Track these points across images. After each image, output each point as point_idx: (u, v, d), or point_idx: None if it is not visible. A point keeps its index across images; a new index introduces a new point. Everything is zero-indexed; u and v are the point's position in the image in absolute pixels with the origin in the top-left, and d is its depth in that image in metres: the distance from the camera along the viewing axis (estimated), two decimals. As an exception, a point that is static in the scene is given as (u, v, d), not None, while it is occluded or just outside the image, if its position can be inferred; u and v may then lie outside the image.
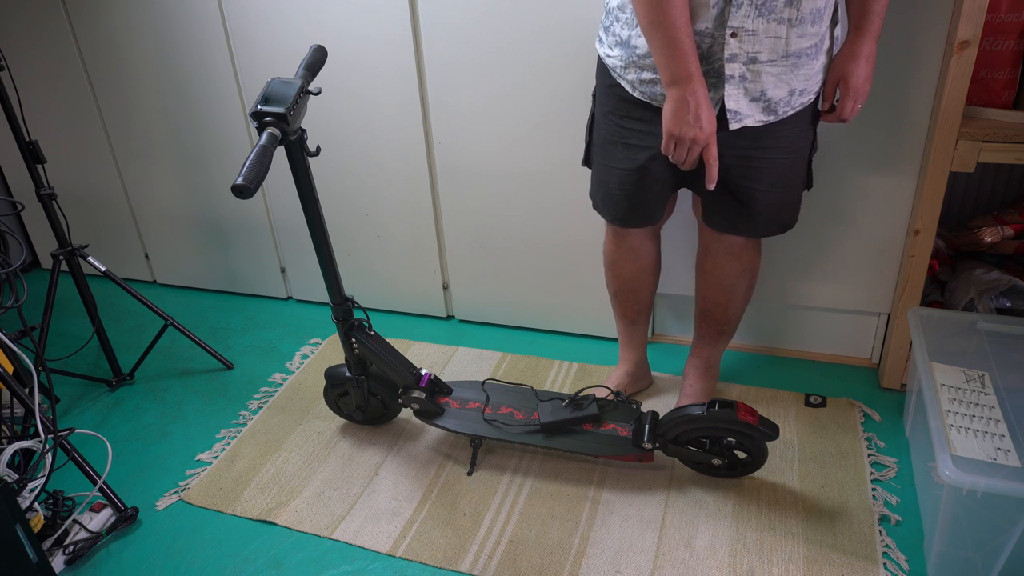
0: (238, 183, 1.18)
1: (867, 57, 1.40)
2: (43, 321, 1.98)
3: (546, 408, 1.69)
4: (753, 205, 1.53)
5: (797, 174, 1.53)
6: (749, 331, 2.10)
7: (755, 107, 1.39)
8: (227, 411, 2.04)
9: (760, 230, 1.59)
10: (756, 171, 1.48)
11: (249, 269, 2.55)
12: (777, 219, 1.58)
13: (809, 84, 1.40)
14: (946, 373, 1.54)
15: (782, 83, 1.37)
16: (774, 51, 1.33)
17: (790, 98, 1.40)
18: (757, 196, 1.51)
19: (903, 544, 1.50)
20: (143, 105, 2.35)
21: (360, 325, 1.68)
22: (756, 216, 1.55)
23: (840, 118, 1.45)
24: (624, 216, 1.63)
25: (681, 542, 1.53)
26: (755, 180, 1.49)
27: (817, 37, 1.35)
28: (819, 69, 1.41)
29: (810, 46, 1.35)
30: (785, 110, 1.41)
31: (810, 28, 1.32)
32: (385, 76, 2.02)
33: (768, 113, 1.40)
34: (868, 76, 1.41)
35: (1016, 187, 2.02)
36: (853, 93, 1.41)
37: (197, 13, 2.12)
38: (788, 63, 1.35)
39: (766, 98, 1.38)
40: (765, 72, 1.36)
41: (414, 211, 2.20)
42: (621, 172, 1.55)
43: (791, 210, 1.59)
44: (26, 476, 1.47)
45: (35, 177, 1.94)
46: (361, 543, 1.59)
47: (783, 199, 1.54)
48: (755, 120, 1.41)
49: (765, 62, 1.34)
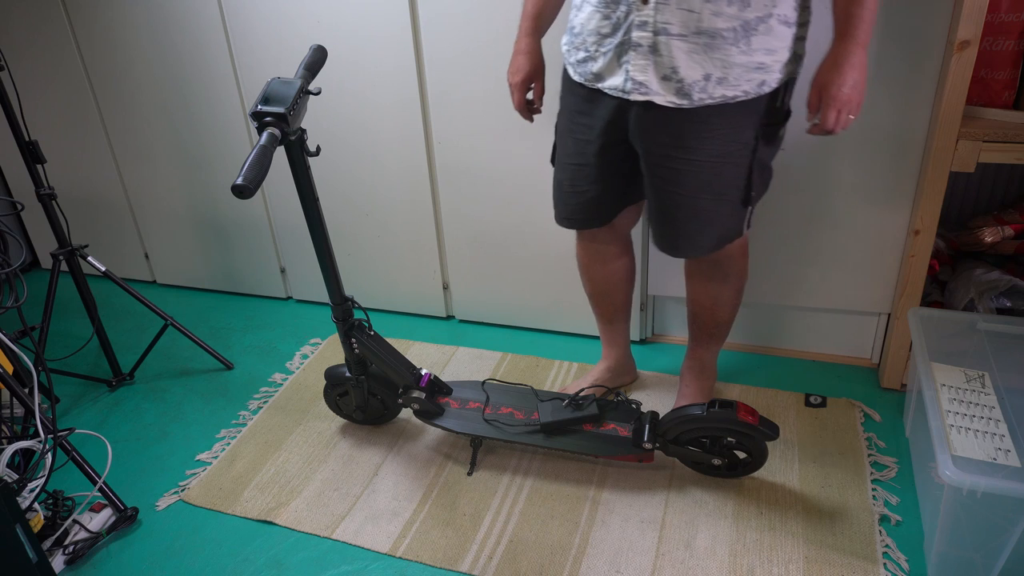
0: (238, 183, 1.18)
1: (852, 65, 1.31)
2: (43, 321, 1.98)
3: (546, 408, 1.69)
4: (677, 212, 1.47)
5: (730, 183, 1.44)
6: (750, 331, 2.10)
7: (667, 86, 1.35)
8: (227, 411, 2.04)
9: (696, 245, 1.52)
10: (678, 174, 1.43)
11: (249, 269, 2.55)
12: (712, 231, 1.50)
13: (730, 74, 1.33)
14: (946, 373, 1.54)
15: (695, 63, 1.32)
16: (686, 25, 1.29)
17: (706, 83, 1.33)
18: (681, 202, 1.46)
19: (903, 544, 1.50)
20: (143, 105, 2.35)
21: (360, 325, 1.68)
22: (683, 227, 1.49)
23: (824, 130, 1.36)
24: (570, 215, 1.64)
25: (681, 542, 1.53)
26: (677, 184, 1.44)
27: (737, 21, 1.29)
28: (746, 64, 1.33)
29: (727, 28, 1.29)
30: (701, 96, 1.34)
31: (726, 8, 1.28)
32: (385, 76, 2.02)
33: (682, 96, 1.35)
34: (856, 84, 1.32)
35: (1016, 187, 2.02)
36: (834, 102, 1.33)
37: (197, 13, 2.12)
38: (701, 41, 1.30)
39: (678, 77, 1.33)
40: (675, 46, 1.31)
41: (414, 211, 2.20)
42: (572, 168, 1.58)
43: (727, 223, 1.50)
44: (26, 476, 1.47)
45: (35, 177, 1.94)
46: (361, 543, 1.59)
47: (714, 209, 1.46)
48: (665, 100, 1.36)
49: (675, 35, 1.30)
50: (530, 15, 1.56)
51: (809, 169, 1.81)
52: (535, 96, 1.63)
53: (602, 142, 1.49)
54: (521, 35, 1.58)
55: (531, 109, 1.65)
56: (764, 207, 1.88)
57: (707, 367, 1.84)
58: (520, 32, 1.58)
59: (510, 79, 1.61)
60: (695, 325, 1.77)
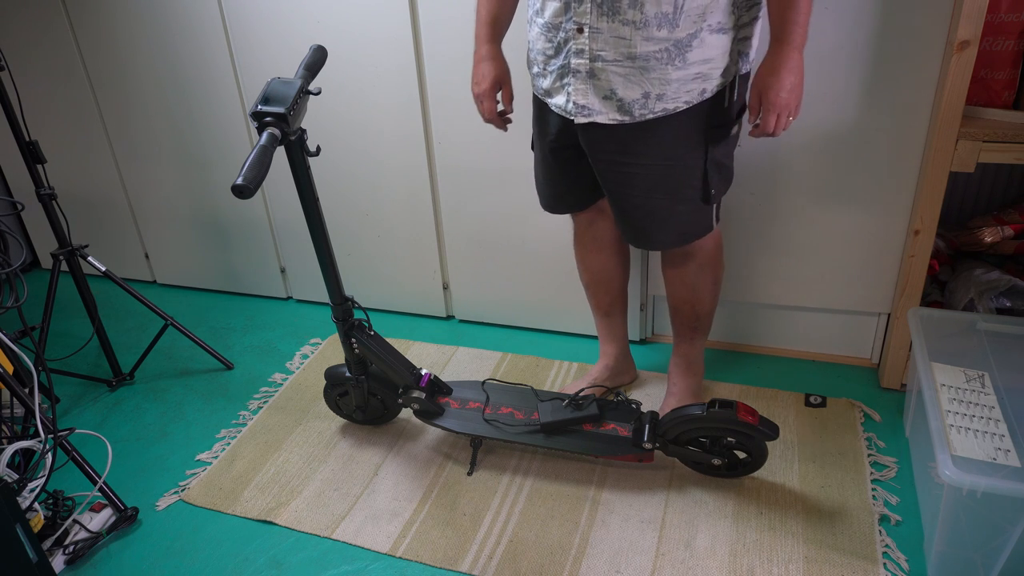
0: (238, 183, 1.18)
1: (789, 69, 1.33)
2: (43, 321, 1.98)
3: (546, 408, 1.69)
4: (633, 212, 1.52)
5: (683, 183, 1.47)
6: (750, 331, 2.10)
7: (608, 105, 1.40)
8: (227, 411, 2.04)
9: (657, 240, 1.56)
10: (629, 176, 1.47)
11: (249, 269, 2.55)
12: (670, 228, 1.53)
13: (668, 90, 1.36)
14: (946, 373, 1.54)
15: (632, 84, 1.37)
16: (618, 51, 1.35)
17: (646, 100, 1.38)
18: (635, 202, 1.50)
19: (903, 544, 1.50)
20: (143, 105, 2.35)
21: (360, 325, 1.68)
22: (641, 224, 1.53)
23: (764, 132, 1.38)
24: (548, 203, 1.73)
25: (681, 542, 1.53)
26: (628, 186, 1.49)
27: (668, 43, 1.32)
28: (683, 78, 1.36)
29: (658, 50, 1.33)
30: (643, 112, 1.39)
31: (656, 32, 1.31)
32: (385, 76, 2.02)
33: (623, 113, 1.40)
34: (793, 87, 1.34)
35: (1016, 187, 2.02)
36: (773, 107, 1.35)
37: (197, 13, 2.12)
38: (635, 65, 1.35)
39: (617, 97, 1.39)
40: (611, 71, 1.37)
41: (414, 211, 2.20)
42: (540, 162, 1.67)
43: (688, 219, 1.53)
44: (26, 476, 1.47)
45: (35, 177, 1.94)
46: (361, 543, 1.59)
47: (670, 208, 1.50)
48: (608, 118, 1.41)
49: (610, 61, 1.36)
50: (486, 22, 1.56)
51: (809, 169, 1.81)
52: (504, 102, 1.63)
53: (555, 145, 1.57)
54: (480, 43, 1.58)
55: (503, 118, 1.64)
56: (764, 207, 1.88)
57: (693, 363, 1.84)
58: (478, 41, 1.58)
59: (475, 90, 1.60)
60: (677, 319, 1.78)
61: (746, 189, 1.87)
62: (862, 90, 1.68)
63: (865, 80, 1.67)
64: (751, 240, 1.94)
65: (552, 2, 1.38)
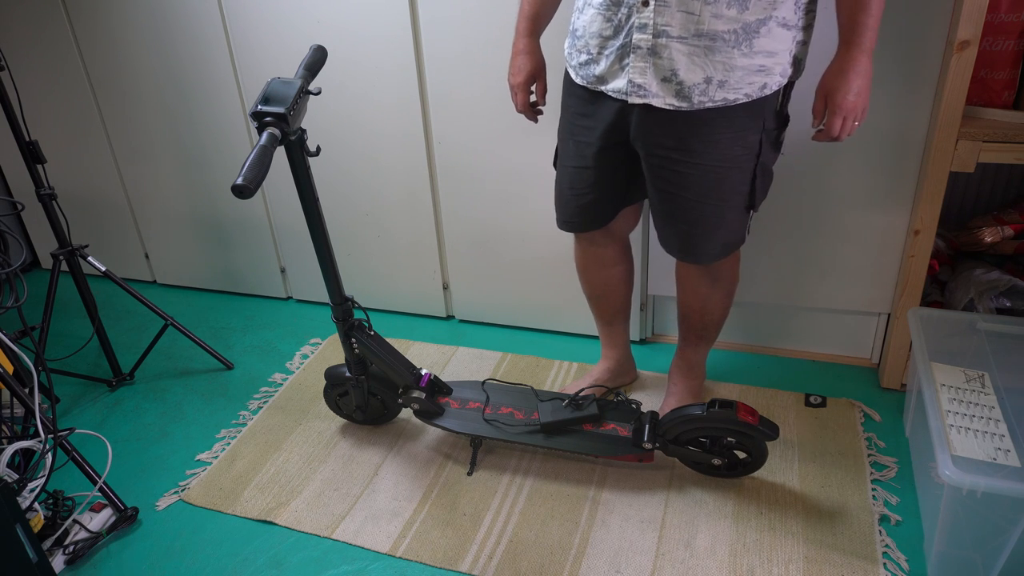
0: (238, 183, 1.18)
1: (857, 72, 1.31)
2: (43, 321, 1.98)
3: (546, 408, 1.69)
4: (683, 216, 1.48)
5: (735, 188, 1.44)
6: (750, 331, 2.10)
7: (666, 88, 1.35)
8: (227, 411, 2.04)
9: (702, 251, 1.53)
10: (683, 177, 1.42)
11: (249, 269, 2.55)
12: (717, 237, 1.50)
13: (731, 77, 1.32)
14: (946, 373, 1.54)
15: (695, 66, 1.32)
16: (685, 27, 1.29)
17: (707, 87, 1.33)
18: (686, 206, 1.46)
19: (903, 544, 1.50)
20: (143, 105, 2.35)
21: (360, 325, 1.68)
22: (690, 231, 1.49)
23: (829, 136, 1.37)
24: (571, 218, 1.65)
25: (681, 542, 1.53)
26: (682, 187, 1.44)
27: (737, 23, 1.28)
28: (747, 67, 1.32)
29: (727, 30, 1.29)
30: (702, 99, 1.34)
31: (726, 10, 1.28)
32: (385, 75, 2.02)
33: (681, 99, 1.35)
34: (860, 91, 1.33)
35: (1016, 187, 2.02)
36: (839, 109, 1.33)
37: (197, 13, 2.12)
38: (701, 43, 1.30)
39: (678, 79, 1.33)
40: (675, 48, 1.31)
41: (414, 211, 2.20)
42: (572, 171, 1.58)
43: (732, 227, 1.50)
44: (26, 476, 1.47)
45: (35, 177, 1.94)
46: (361, 543, 1.59)
47: (720, 215, 1.46)
48: (664, 102, 1.36)
49: (675, 37, 1.30)
50: (527, 15, 1.56)
51: (809, 170, 1.81)
52: (538, 95, 1.63)
53: (602, 144, 1.49)
54: (519, 36, 1.58)
55: (535, 110, 1.65)
56: (764, 207, 1.88)
57: (696, 367, 1.84)
58: (517, 33, 1.59)
59: (511, 80, 1.61)
60: (685, 325, 1.77)
61: (746, 189, 1.87)
62: (862, 90, 1.68)
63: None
64: (751, 240, 1.94)
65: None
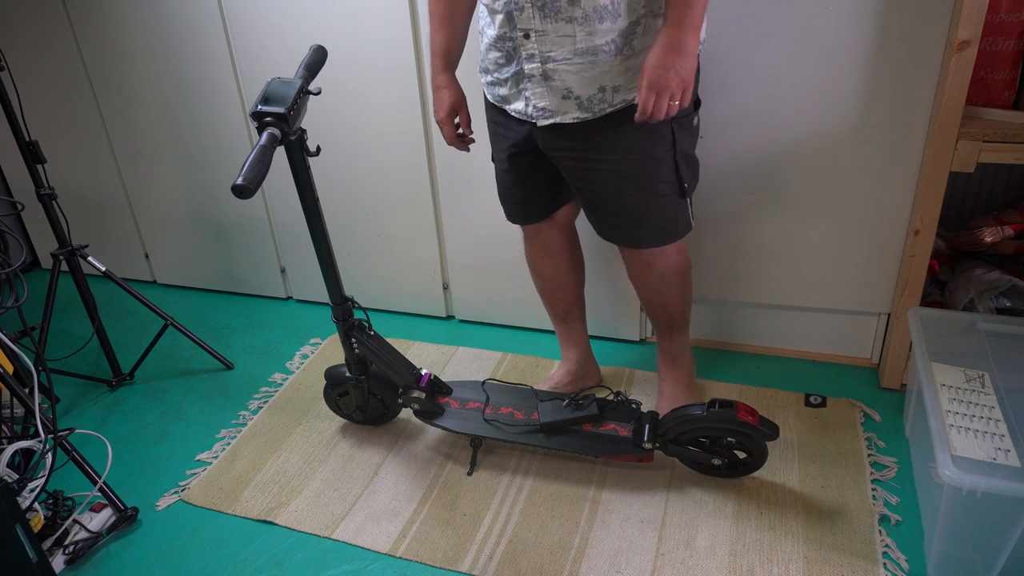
0: (238, 183, 1.19)
1: (674, 48, 1.26)
2: (43, 321, 1.99)
3: (546, 408, 1.69)
4: (605, 208, 1.53)
5: (656, 176, 1.47)
6: (750, 331, 2.10)
7: (568, 104, 1.42)
8: (227, 411, 2.04)
9: (639, 238, 1.55)
10: (597, 173, 1.48)
11: (249, 269, 2.55)
12: (648, 225, 1.53)
13: (623, 80, 1.38)
14: (946, 373, 1.54)
15: (586, 80, 1.38)
16: (566, 49, 1.36)
17: (603, 95, 1.39)
18: (606, 199, 1.51)
19: (903, 544, 1.50)
20: (143, 105, 2.35)
21: (360, 325, 1.68)
22: (617, 221, 1.54)
23: (642, 113, 1.31)
24: (511, 213, 1.74)
25: (681, 542, 1.53)
26: (598, 183, 1.49)
27: (613, 33, 1.34)
28: (635, 67, 1.37)
29: (605, 42, 1.35)
30: (603, 107, 1.40)
31: (599, 25, 1.33)
32: (385, 75, 2.02)
33: (584, 110, 1.41)
34: (675, 69, 1.26)
35: (1016, 187, 2.02)
36: (652, 85, 1.28)
37: (197, 13, 2.12)
38: (585, 60, 1.36)
39: (575, 95, 1.40)
40: (563, 70, 1.39)
41: (414, 211, 2.20)
42: (499, 172, 1.69)
43: (664, 215, 1.52)
44: (26, 476, 1.47)
45: (35, 177, 1.94)
46: (361, 543, 1.59)
47: (644, 204, 1.49)
48: (572, 117, 1.43)
49: (561, 60, 1.38)
50: (439, 53, 1.59)
51: (809, 169, 1.81)
52: (463, 125, 1.64)
53: (517, 151, 1.58)
54: (435, 73, 1.61)
55: (464, 139, 1.66)
56: (764, 207, 1.88)
57: (679, 357, 1.83)
58: (434, 71, 1.61)
59: (436, 117, 1.64)
60: (652, 319, 1.78)
61: (746, 189, 1.87)
62: (862, 90, 1.68)
63: (865, 80, 1.67)
64: (751, 240, 1.94)
65: (497, 15, 1.41)
